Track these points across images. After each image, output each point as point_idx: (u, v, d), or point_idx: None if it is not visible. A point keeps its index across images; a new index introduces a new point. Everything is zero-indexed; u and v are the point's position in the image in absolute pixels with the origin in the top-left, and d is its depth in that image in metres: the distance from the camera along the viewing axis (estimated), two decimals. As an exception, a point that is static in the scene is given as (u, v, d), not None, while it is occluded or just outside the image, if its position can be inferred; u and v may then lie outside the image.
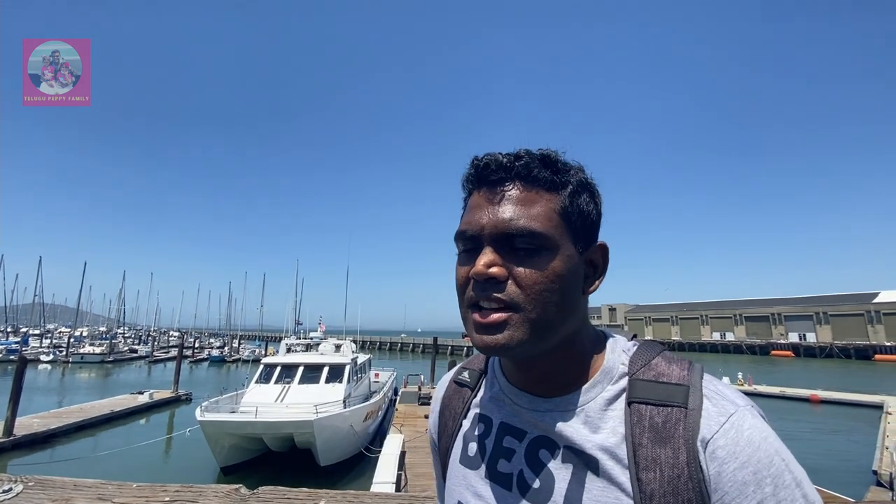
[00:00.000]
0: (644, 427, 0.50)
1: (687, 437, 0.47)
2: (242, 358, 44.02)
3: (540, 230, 0.53)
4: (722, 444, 0.47)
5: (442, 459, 0.71)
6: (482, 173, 0.57)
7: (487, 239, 0.54)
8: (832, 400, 21.67)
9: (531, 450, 0.57)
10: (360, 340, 45.15)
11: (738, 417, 0.48)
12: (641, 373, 0.54)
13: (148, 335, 68.57)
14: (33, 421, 14.42)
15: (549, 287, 0.52)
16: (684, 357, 0.56)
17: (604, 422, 0.53)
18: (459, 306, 0.58)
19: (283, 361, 13.93)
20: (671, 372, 0.53)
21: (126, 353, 46.18)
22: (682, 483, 0.46)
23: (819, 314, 64.60)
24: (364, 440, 12.40)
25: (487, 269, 0.52)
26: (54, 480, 1.23)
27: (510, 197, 0.55)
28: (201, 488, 1.22)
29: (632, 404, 0.52)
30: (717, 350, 66.09)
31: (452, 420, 0.71)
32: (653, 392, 0.52)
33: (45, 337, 57.04)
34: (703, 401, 0.50)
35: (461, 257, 0.58)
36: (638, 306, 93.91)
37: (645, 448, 0.49)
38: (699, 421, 0.48)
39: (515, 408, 0.61)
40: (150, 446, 12.47)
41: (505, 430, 0.61)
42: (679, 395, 0.50)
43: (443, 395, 0.76)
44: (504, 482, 0.58)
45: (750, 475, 0.45)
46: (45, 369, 35.86)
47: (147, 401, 18.54)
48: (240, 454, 11.34)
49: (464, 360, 0.80)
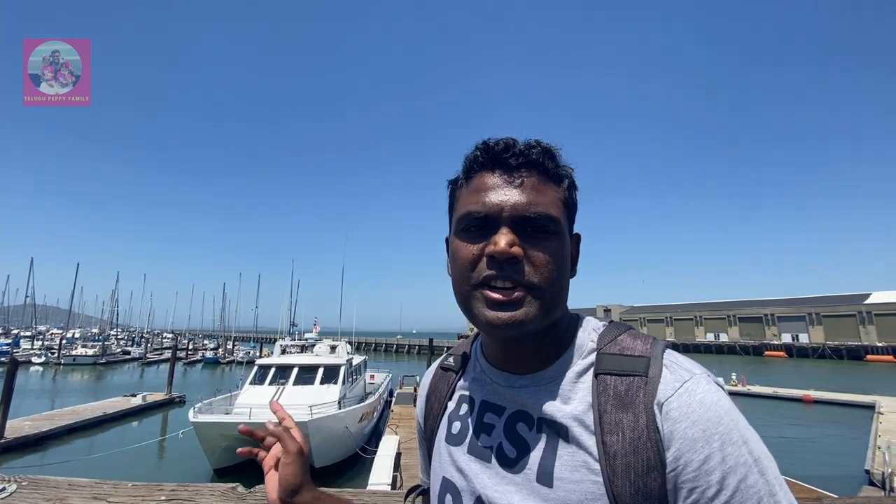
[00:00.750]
0: (609, 395, 0.55)
1: (646, 401, 0.52)
2: (237, 359, 43.77)
3: (556, 216, 0.58)
4: (675, 405, 0.51)
5: (428, 441, 0.76)
6: (499, 156, 0.59)
7: (507, 220, 0.57)
8: (825, 400, 21.85)
9: (509, 424, 0.62)
10: (356, 342, 45.04)
11: (693, 383, 0.53)
12: (608, 347, 0.59)
13: (141, 337, 68.10)
14: (24, 423, 14.28)
15: (557, 269, 0.57)
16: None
17: (574, 393, 0.58)
18: (461, 284, 0.60)
19: (278, 363, 13.87)
20: (635, 346, 0.58)
21: (119, 354, 45.89)
22: (642, 443, 0.50)
23: (812, 315, 65.08)
24: (359, 441, 12.37)
25: (510, 248, 0.55)
26: (48, 480, 1.22)
27: (529, 182, 0.58)
28: (198, 487, 1.22)
29: (599, 376, 0.57)
30: (711, 351, 66.46)
31: (438, 403, 0.75)
32: (617, 364, 0.57)
33: (37, 338, 56.53)
34: (662, 370, 0.54)
35: (466, 235, 0.60)
36: (633, 307, 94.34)
37: (609, 414, 0.53)
38: (657, 387, 0.53)
39: (495, 386, 0.66)
40: (143, 449, 12.38)
41: (485, 407, 0.66)
42: (641, 366, 0.55)
43: (430, 381, 0.81)
44: (484, 456, 0.62)
45: (699, 432, 0.49)
46: (37, 371, 35.51)
47: (140, 403, 18.40)
48: (233, 456, 11.25)
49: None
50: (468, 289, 0.58)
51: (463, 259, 0.59)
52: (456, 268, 0.61)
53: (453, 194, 0.67)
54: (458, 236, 0.61)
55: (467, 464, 0.63)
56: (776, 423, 18.26)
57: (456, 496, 0.63)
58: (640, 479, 0.49)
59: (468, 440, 0.65)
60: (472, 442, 0.65)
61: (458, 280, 0.60)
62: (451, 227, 0.65)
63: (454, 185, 0.67)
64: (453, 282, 0.63)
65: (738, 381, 25.75)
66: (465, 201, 0.61)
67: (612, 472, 0.51)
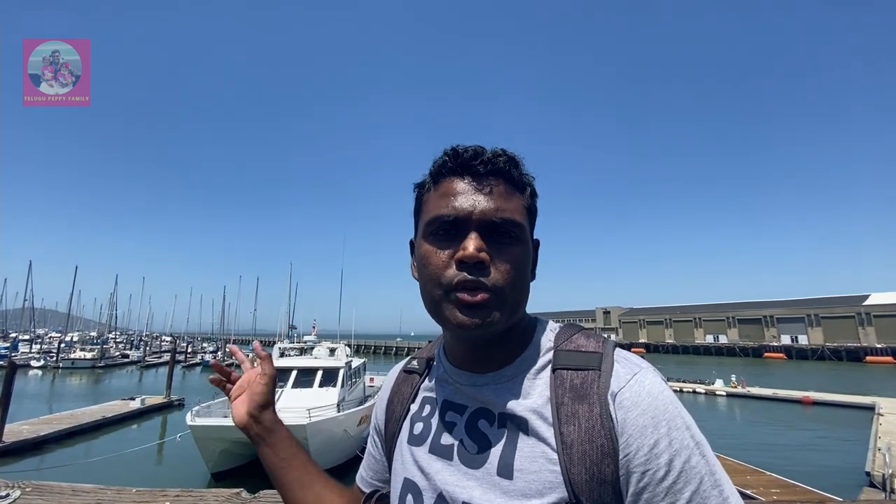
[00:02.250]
0: (565, 388, 0.58)
1: (600, 393, 0.56)
2: (236, 363, 43.61)
3: (521, 222, 0.61)
4: (627, 396, 0.55)
5: (388, 444, 0.76)
6: (468, 162, 0.62)
7: (475, 225, 0.59)
8: (824, 401, 21.85)
9: (471, 421, 0.64)
10: (355, 344, 44.92)
11: (642, 375, 0.57)
12: (564, 345, 0.63)
13: (140, 340, 67.79)
14: (23, 427, 14.22)
15: (520, 273, 0.61)
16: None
17: (533, 388, 0.61)
18: (430, 288, 0.61)
19: (277, 365, 13.76)
20: (588, 344, 0.62)
21: (118, 358, 45.63)
22: (597, 431, 0.54)
23: (811, 316, 65.15)
24: (359, 445, 12.32)
25: (479, 253, 0.57)
26: (52, 486, 1.22)
27: (496, 189, 0.61)
28: (202, 492, 1.22)
29: (556, 371, 0.60)
30: (710, 352, 66.44)
31: (400, 405, 0.76)
32: (573, 359, 0.60)
33: (36, 342, 56.29)
34: (613, 364, 0.58)
35: (435, 239, 0.61)
36: (632, 309, 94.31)
37: (566, 406, 0.57)
38: (610, 380, 0.57)
39: (457, 385, 0.68)
40: (141, 453, 12.32)
41: (447, 406, 0.68)
42: (594, 361, 0.59)
43: (392, 384, 0.82)
44: (445, 453, 0.64)
45: (649, 419, 0.53)
46: (36, 375, 35.36)
47: (139, 406, 18.32)
48: (231, 459, 11.21)
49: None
50: (439, 293, 0.60)
51: (433, 264, 0.60)
52: (425, 272, 0.62)
53: (420, 198, 0.68)
54: (426, 240, 0.63)
55: (429, 462, 0.64)
56: (776, 424, 18.26)
57: (417, 495, 0.64)
58: (595, 465, 0.52)
59: (430, 439, 0.67)
60: (433, 441, 0.66)
61: (428, 283, 0.61)
62: (419, 231, 0.67)
63: (421, 189, 0.68)
64: (422, 285, 0.64)
65: (737, 383, 25.72)
66: (433, 205, 0.63)
67: (569, 461, 0.53)
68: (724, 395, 24.98)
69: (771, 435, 16.47)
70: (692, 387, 26.40)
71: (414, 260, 0.69)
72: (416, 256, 0.67)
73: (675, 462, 0.51)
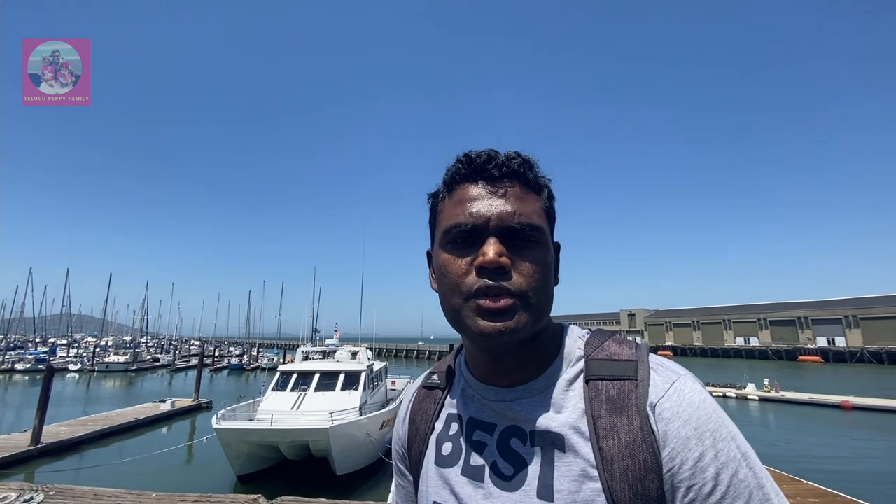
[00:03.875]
0: (601, 400, 0.55)
1: (639, 404, 0.53)
2: (261, 366, 44.51)
3: (540, 225, 0.59)
4: (667, 406, 0.52)
5: (414, 465, 0.72)
6: (482, 166, 0.60)
7: (493, 230, 0.57)
8: (865, 406, 20.83)
9: (502, 441, 0.60)
10: (377, 348, 45.15)
11: (681, 384, 0.54)
12: (595, 353, 0.60)
13: (170, 344, 69.98)
14: (60, 429, 14.77)
15: (543, 277, 0.58)
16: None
17: (566, 401, 0.58)
18: (450, 297, 0.59)
19: (299, 369, 13.97)
20: (621, 351, 0.59)
21: (149, 362, 47.10)
22: (638, 445, 0.51)
23: (848, 317, 62.35)
24: (381, 448, 12.34)
25: (499, 258, 0.55)
26: (74, 490, 1.23)
27: (512, 193, 0.59)
28: (220, 498, 1.21)
29: (589, 381, 0.58)
30: (741, 356, 64.29)
31: (424, 423, 0.72)
32: (607, 369, 0.58)
33: (73, 347, 58.54)
34: (650, 372, 0.56)
35: (453, 247, 0.60)
36: (658, 311, 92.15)
37: (603, 419, 0.54)
38: (647, 389, 0.54)
39: (484, 402, 0.64)
40: (170, 455, 12.64)
41: (474, 425, 0.64)
42: (630, 370, 0.56)
43: (412, 402, 0.78)
44: (478, 475, 0.60)
45: (692, 430, 0.50)
46: (73, 378, 36.75)
47: (169, 409, 18.82)
48: (256, 462, 11.37)
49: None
50: (459, 301, 0.58)
51: (452, 272, 0.59)
52: (445, 281, 0.60)
53: (434, 208, 0.66)
54: (444, 249, 0.61)
55: (461, 486, 0.61)
56: (813, 430, 17.49)
57: None
58: (639, 481, 0.50)
59: (461, 461, 0.63)
60: (464, 463, 0.63)
61: (448, 293, 0.60)
62: (436, 240, 0.65)
63: (435, 198, 0.67)
64: (441, 295, 0.62)
65: (770, 387, 24.78)
66: (449, 213, 0.61)
67: (610, 477, 0.51)
68: (756, 399, 24.08)
69: (808, 442, 15.77)
70: (722, 391, 25.52)
71: (432, 271, 0.67)
72: (434, 267, 0.66)
73: (722, 476, 0.49)
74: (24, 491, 1.05)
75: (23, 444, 12.61)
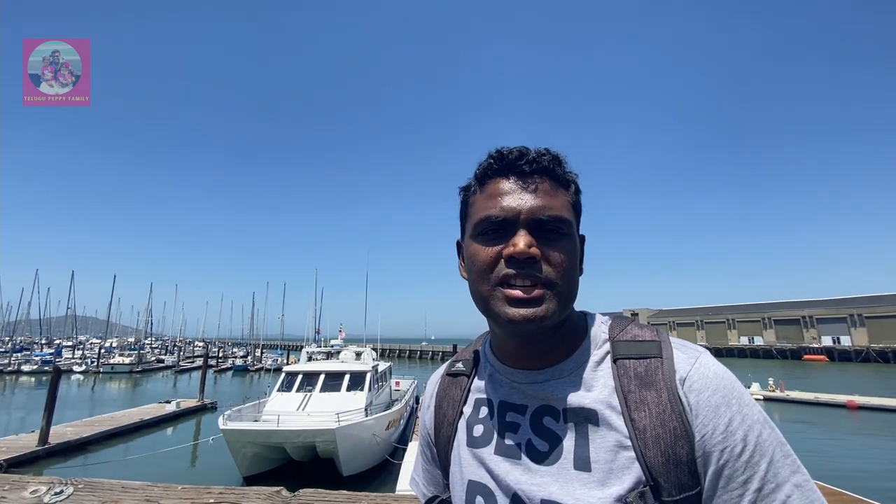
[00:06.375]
0: (630, 377, 0.60)
1: (666, 379, 0.58)
2: (265, 367, 44.63)
3: (568, 218, 0.63)
4: (695, 378, 0.57)
5: (443, 450, 0.75)
6: (513, 162, 0.64)
7: (523, 223, 0.61)
8: (871, 406, 20.73)
9: (535, 420, 0.64)
10: (381, 348, 45.20)
11: (703, 359, 0.60)
12: (620, 336, 0.65)
13: (174, 345, 70.27)
14: (67, 429, 14.88)
15: (570, 267, 0.62)
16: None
17: (596, 380, 0.62)
18: (479, 285, 0.63)
19: (305, 369, 13.99)
20: (644, 334, 0.64)
21: (153, 363, 47.38)
22: (668, 415, 0.56)
23: (854, 316, 61.96)
24: (387, 449, 12.36)
25: (529, 249, 0.59)
26: (102, 483, 1.26)
27: (542, 187, 0.63)
28: (244, 490, 1.24)
29: (617, 361, 0.62)
30: (745, 355, 64.04)
31: (452, 409, 0.75)
32: (632, 349, 0.62)
33: (78, 348, 58.91)
34: (673, 351, 0.61)
35: (484, 238, 0.63)
36: (661, 311, 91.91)
37: (633, 393, 0.58)
38: (673, 366, 0.59)
39: (514, 385, 0.68)
40: (176, 455, 12.70)
41: (505, 407, 0.68)
42: (654, 349, 0.61)
43: (436, 389, 0.81)
44: (513, 453, 0.63)
45: (720, 398, 0.56)
46: (78, 379, 36.98)
47: (174, 409, 18.94)
48: (262, 463, 11.40)
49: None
50: (488, 288, 0.62)
51: (482, 261, 0.62)
52: (474, 269, 0.64)
53: (466, 201, 0.70)
54: (475, 240, 0.65)
55: (497, 464, 0.64)
56: (819, 430, 17.41)
57: (488, 496, 0.63)
58: (670, 448, 0.54)
59: (494, 441, 0.66)
60: (498, 442, 0.66)
61: (477, 280, 0.63)
62: (467, 232, 0.68)
63: (466, 192, 0.70)
64: (471, 283, 0.66)
65: (775, 387, 24.69)
66: (481, 206, 0.65)
67: (643, 445, 0.55)
68: (761, 398, 23.97)
69: (814, 441, 15.70)
70: (727, 390, 25.46)
71: (462, 260, 0.72)
72: (464, 256, 0.69)
73: (749, 437, 0.54)
74: (53, 484, 1.07)
75: (30, 444, 12.71)
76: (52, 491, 1.22)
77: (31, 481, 1.27)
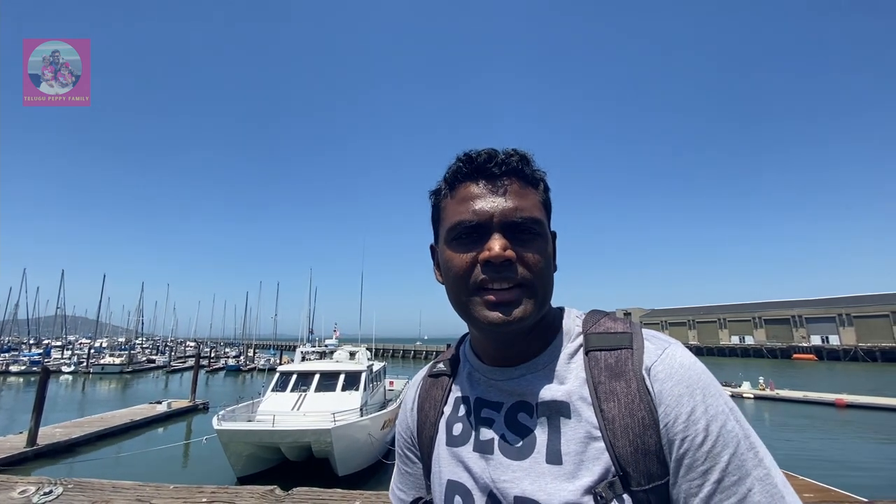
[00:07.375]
0: (601, 368, 0.61)
1: (635, 369, 0.58)
2: (258, 367, 44.34)
3: (540, 218, 0.64)
4: (661, 368, 0.58)
5: (425, 450, 0.75)
6: (482, 165, 0.64)
7: (497, 226, 0.61)
8: (859, 404, 21.05)
9: (510, 416, 0.65)
10: (375, 348, 45.12)
11: (672, 350, 0.60)
12: (593, 329, 0.66)
13: (165, 345, 69.56)
14: (55, 430, 14.69)
15: (545, 266, 0.63)
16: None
17: (568, 372, 0.63)
18: (457, 290, 0.64)
19: (299, 369, 13.92)
20: (616, 326, 0.65)
21: (144, 363, 46.79)
22: (636, 405, 0.56)
23: (842, 316, 62.88)
24: (382, 449, 12.33)
25: (504, 252, 0.59)
26: (93, 483, 1.24)
27: (512, 188, 0.63)
28: (237, 489, 1.23)
29: (589, 353, 0.63)
30: (736, 354, 64.74)
31: (433, 409, 0.76)
32: (604, 341, 0.63)
33: (67, 348, 58.08)
34: (644, 342, 0.61)
35: (458, 244, 0.63)
36: (654, 310, 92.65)
37: (603, 384, 0.59)
38: (642, 356, 0.60)
39: (491, 382, 0.69)
40: (167, 456, 12.58)
41: (482, 404, 0.69)
42: (625, 340, 0.62)
43: (418, 391, 0.81)
44: (487, 449, 0.64)
45: (684, 388, 0.56)
46: (67, 380, 36.50)
47: (165, 410, 18.76)
48: (257, 464, 11.32)
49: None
50: (467, 294, 0.62)
51: (458, 266, 0.62)
52: (451, 275, 0.64)
53: (437, 205, 0.70)
54: (449, 245, 0.65)
55: (474, 461, 0.64)
56: (808, 427, 17.63)
57: (466, 495, 0.63)
58: (638, 437, 0.55)
59: (472, 439, 0.67)
60: (475, 439, 0.66)
61: (455, 286, 0.64)
62: (440, 237, 0.68)
63: (437, 196, 0.70)
64: (448, 289, 0.66)
65: (765, 385, 24.96)
66: (453, 211, 0.65)
67: (612, 435, 0.56)
68: (751, 397, 24.26)
69: (802, 438, 15.91)
70: (718, 389, 25.70)
71: (436, 264, 0.72)
72: (439, 261, 0.70)
73: (711, 427, 0.54)
74: (42, 484, 1.05)
75: (18, 445, 12.54)
76: (41, 491, 1.20)
77: (19, 481, 1.25)
